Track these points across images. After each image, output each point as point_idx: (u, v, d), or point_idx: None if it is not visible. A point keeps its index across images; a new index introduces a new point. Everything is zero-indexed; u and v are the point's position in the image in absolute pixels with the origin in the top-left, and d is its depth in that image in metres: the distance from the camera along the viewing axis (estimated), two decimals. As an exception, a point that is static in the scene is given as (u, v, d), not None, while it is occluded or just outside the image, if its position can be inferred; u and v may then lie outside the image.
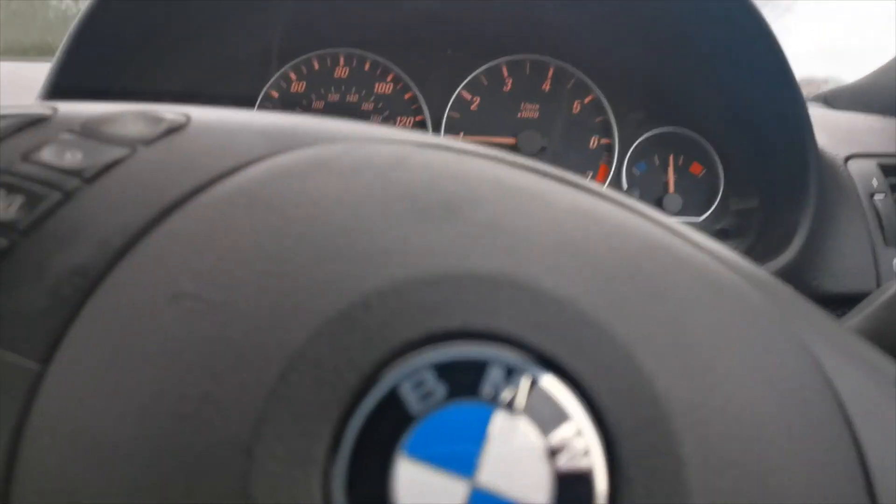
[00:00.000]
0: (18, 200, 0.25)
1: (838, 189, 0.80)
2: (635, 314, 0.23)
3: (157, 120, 0.28)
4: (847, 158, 0.84)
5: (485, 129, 0.88)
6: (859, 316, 0.50)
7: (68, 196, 0.25)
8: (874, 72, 1.18)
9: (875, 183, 0.82)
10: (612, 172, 0.87)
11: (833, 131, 0.89)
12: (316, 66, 0.87)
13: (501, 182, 0.26)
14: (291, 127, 0.28)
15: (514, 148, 0.87)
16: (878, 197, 0.81)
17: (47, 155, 0.26)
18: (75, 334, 0.22)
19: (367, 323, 0.21)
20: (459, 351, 0.21)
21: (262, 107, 0.86)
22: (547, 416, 0.21)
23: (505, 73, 0.88)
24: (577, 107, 0.88)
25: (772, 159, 0.81)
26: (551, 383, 0.21)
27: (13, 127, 0.28)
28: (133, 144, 0.27)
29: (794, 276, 0.74)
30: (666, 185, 0.87)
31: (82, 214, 0.25)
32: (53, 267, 0.23)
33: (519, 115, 0.88)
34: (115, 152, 0.26)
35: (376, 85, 0.88)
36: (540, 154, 0.87)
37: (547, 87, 0.88)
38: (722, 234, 0.85)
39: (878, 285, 0.76)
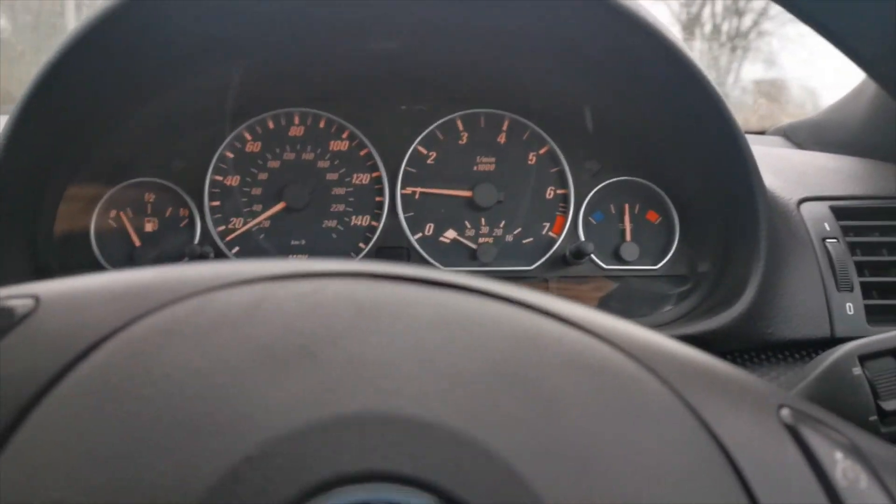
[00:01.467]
0: None
1: (791, 234, 0.81)
2: (506, 423, 0.23)
3: (9, 311, 0.27)
4: (800, 202, 0.85)
5: (441, 183, 0.88)
6: (798, 386, 0.51)
7: None
8: (830, 107, 1.20)
9: (827, 227, 0.82)
10: (568, 222, 0.87)
11: (787, 173, 0.90)
12: (271, 125, 0.87)
13: (360, 308, 0.26)
14: (142, 288, 0.28)
15: (470, 201, 0.88)
16: (830, 241, 0.81)
17: None
18: None
19: (241, 492, 0.21)
20: (340, 499, 0.21)
21: (217, 168, 0.86)
22: None
23: (460, 126, 0.89)
24: (532, 158, 0.89)
25: (724, 208, 0.82)
26: None
27: None
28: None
29: (749, 324, 0.75)
30: (623, 233, 0.88)
31: None
32: None
33: (475, 167, 0.89)
34: None
35: (331, 143, 0.88)
36: (497, 206, 0.87)
37: (502, 139, 0.89)
38: (679, 281, 0.86)
39: (832, 330, 0.77)
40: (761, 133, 1.34)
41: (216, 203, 0.86)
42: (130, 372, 0.24)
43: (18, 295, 0.28)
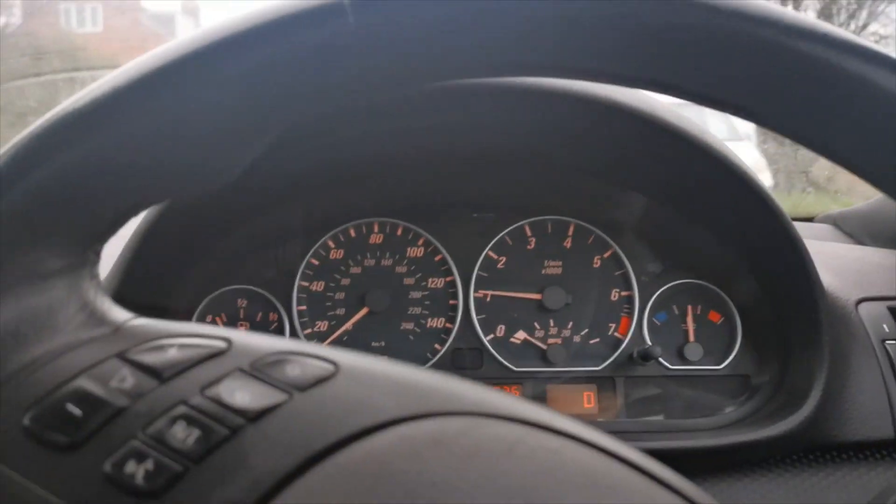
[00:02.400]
0: (196, 433, 0.30)
1: (850, 336, 0.84)
2: None
3: (311, 367, 0.33)
4: (858, 302, 0.88)
5: (511, 286, 0.94)
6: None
7: (234, 433, 0.30)
8: (880, 197, 1.24)
9: (886, 328, 0.86)
10: (633, 323, 0.92)
11: (844, 272, 0.94)
12: (352, 234, 0.94)
13: (594, 481, 0.31)
14: (428, 389, 0.33)
15: (539, 303, 0.93)
16: (890, 342, 0.85)
17: (222, 392, 0.32)
18: None
19: None
20: None
21: (304, 275, 0.93)
22: None
23: (528, 232, 0.95)
24: (597, 262, 0.94)
25: (784, 311, 0.86)
26: None
27: (195, 359, 0.33)
28: (290, 390, 0.32)
29: (813, 428, 0.78)
30: (686, 333, 0.92)
31: (242, 452, 0.30)
32: (213, 498, 0.28)
33: (543, 271, 0.94)
34: (275, 397, 0.32)
35: (408, 249, 0.94)
36: (564, 308, 0.92)
37: (568, 244, 0.95)
38: (742, 382, 0.89)
39: (895, 431, 0.80)
40: (810, 220, 1.38)
41: (303, 307, 0.92)
42: (400, 465, 0.29)
43: (321, 357, 0.34)
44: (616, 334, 0.93)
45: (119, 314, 0.36)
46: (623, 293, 0.94)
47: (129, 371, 0.32)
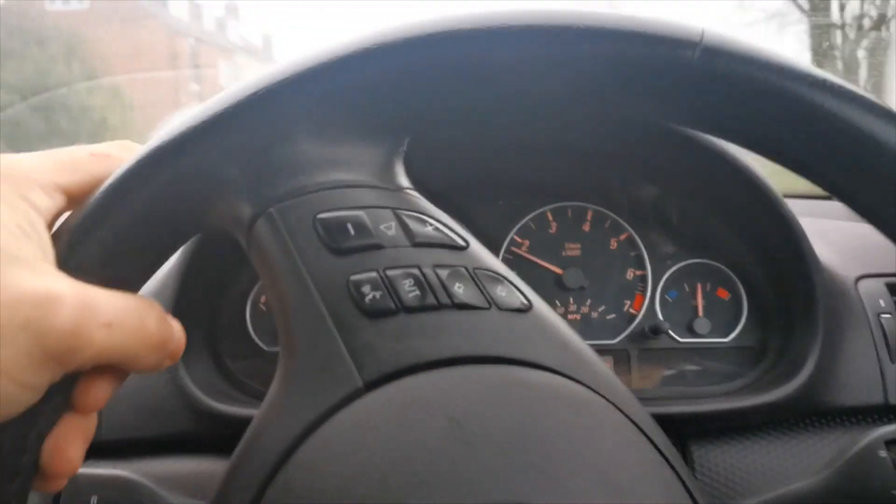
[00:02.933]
0: (416, 293, 0.41)
1: (848, 310, 0.92)
2: None
3: (518, 292, 0.43)
4: (857, 279, 0.96)
5: (536, 260, 1.03)
6: (836, 464, 0.63)
7: (439, 308, 0.41)
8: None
9: (882, 303, 0.93)
10: (647, 300, 1.00)
11: (845, 249, 1.01)
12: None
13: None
14: (588, 361, 0.43)
15: (559, 281, 1.01)
16: (885, 316, 0.92)
17: (446, 276, 0.42)
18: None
19: None
20: None
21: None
22: None
23: (550, 218, 1.03)
24: (613, 244, 1.02)
25: (784, 289, 0.93)
26: None
27: (441, 242, 0.44)
28: (491, 303, 0.42)
29: (810, 394, 0.86)
30: (695, 309, 1.00)
31: (439, 324, 0.41)
32: (404, 343, 0.40)
33: (563, 253, 1.03)
34: (479, 301, 0.42)
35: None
36: (580, 291, 1.01)
37: (587, 228, 1.03)
38: (747, 353, 0.97)
39: (886, 398, 0.87)
40: (828, 198, 1.43)
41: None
42: (535, 403, 0.39)
43: (524, 293, 0.44)
44: (630, 310, 1.01)
45: (403, 180, 0.46)
46: (637, 272, 1.02)
47: (395, 224, 0.43)
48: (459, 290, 0.42)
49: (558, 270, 1.02)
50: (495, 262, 0.45)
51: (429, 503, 0.35)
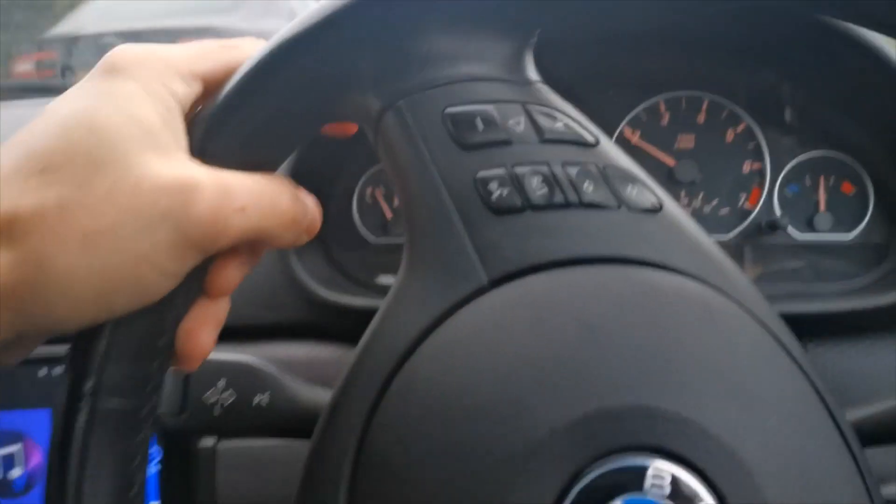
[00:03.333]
0: (545, 190, 0.41)
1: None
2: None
3: (648, 192, 0.43)
4: None
5: (648, 152, 0.99)
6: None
7: (566, 206, 0.41)
8: None
9: None
10: (764, 194, 0.96)
11: None
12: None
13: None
14: (721, 264, 0.42)
15: (671, 174, 0.98)
16: None
17: (575, 174, 0.42)
18: None
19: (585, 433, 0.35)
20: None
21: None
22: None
23: (662, 108, 0.99)
24: (730, 135, 0.98)
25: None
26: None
27: (571, 139, 0.43)
28: (621, 203, 0.42)
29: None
30: (817, 204, 0.95)
31: (564, 222, 0.41)
32: (530, 243, 0.40)
33: (676, 145, 0.98)
34: (608, 200, 0.42)
35: (547, 126, 1.00)
36: (691, 185, 0.97)
37: (701, 119, 0.98)
38: (871, 250, 0.93)
39: None
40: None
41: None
42: (654, 302, 0.39)
43: (655, 193, 0.44)
44: (745, 205, 0.97)
45: (533, 74, 0.46)
46: (755, 166, 0.97)
47: (524, 119, 0.43)
48: (588, 188, 0.41)
49: (670, 162, 0.98)
50: (626, 160, 0.44)
51: (555, 403, 0.35)
